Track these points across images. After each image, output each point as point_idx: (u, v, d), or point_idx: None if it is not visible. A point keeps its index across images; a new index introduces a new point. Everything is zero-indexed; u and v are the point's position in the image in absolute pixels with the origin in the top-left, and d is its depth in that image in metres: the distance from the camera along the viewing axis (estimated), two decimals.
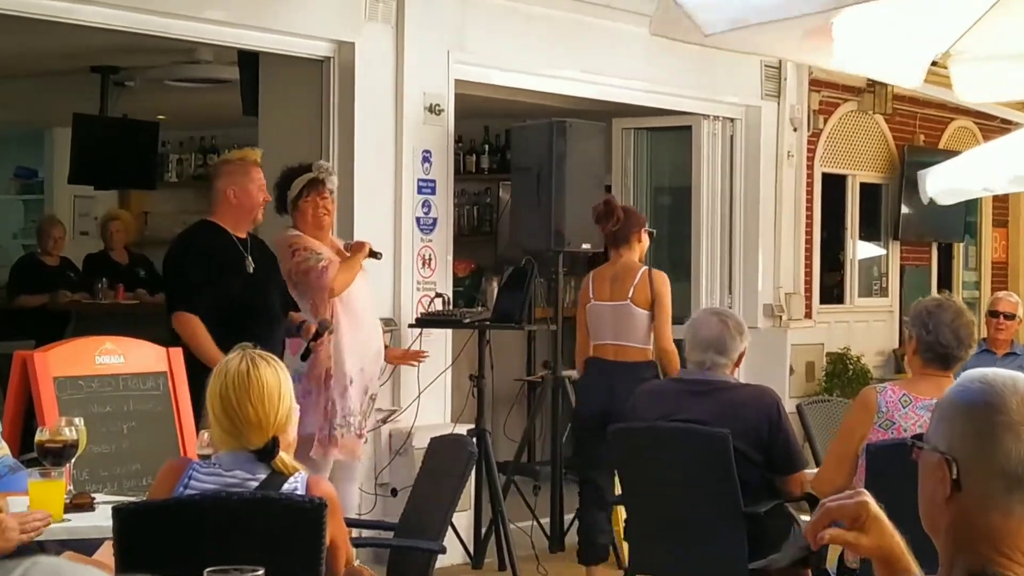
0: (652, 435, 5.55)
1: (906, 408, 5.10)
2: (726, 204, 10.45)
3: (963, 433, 2.23)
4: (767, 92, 10.55)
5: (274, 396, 3.59)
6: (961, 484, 2.22)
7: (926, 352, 5.10)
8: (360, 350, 6.85)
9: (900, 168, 11.95)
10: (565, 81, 9.11)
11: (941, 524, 2.27)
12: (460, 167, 11.41)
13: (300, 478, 3.61)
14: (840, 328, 11.55)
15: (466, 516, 7.68)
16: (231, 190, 6.40)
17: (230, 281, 6.26)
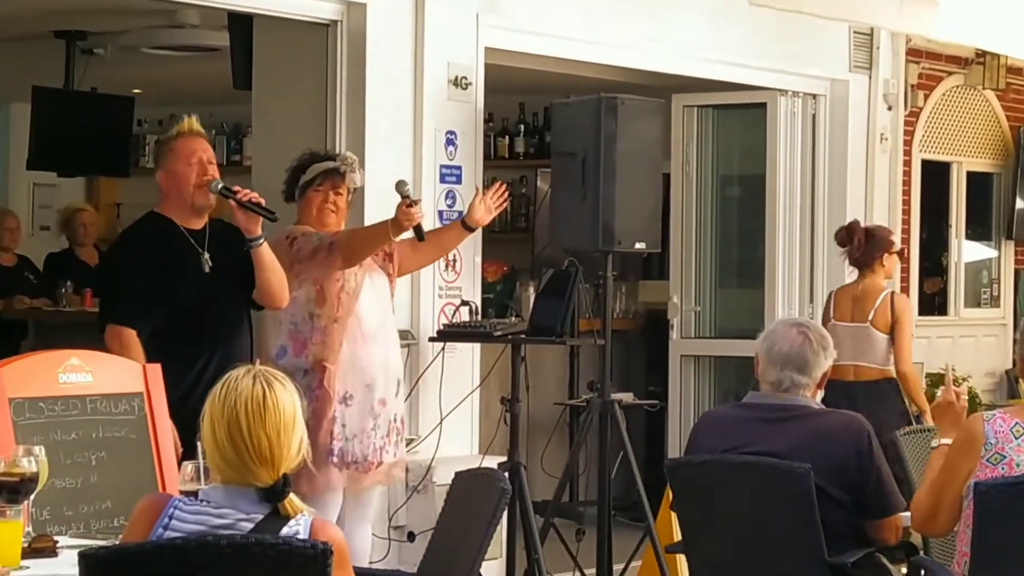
0: (718, 470, 5.53)
1: (1019, 439, 5.10)
2: (807, 196, 10.44)
3: None
4: (856, 63, 10.53)
5: (290, 426, 3.60)
6: None
7: None
8: (364, 364, 6.85)
9: (1015, 154, 11.92)
10: (616, 50, 9.12)
11: None
12: (491, 151, 11.46)
13: (303, 520, 3.61)
14: (943, 344, 11.53)
15: (497, 565, 7.69)
16: (159, 175, 6.35)
17: (178, 284, 6.19)
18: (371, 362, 6.88)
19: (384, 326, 7.03)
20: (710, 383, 10.56)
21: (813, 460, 5.35)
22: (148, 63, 10.57)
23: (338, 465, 6.79)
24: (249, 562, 3.46)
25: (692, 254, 10.52)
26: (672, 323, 10.50)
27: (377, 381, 6.89)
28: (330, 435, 6.77)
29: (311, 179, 6.90)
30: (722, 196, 10.65)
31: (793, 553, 5.44)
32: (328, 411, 6.75)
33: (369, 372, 6.87)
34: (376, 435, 6.88)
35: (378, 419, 6.90)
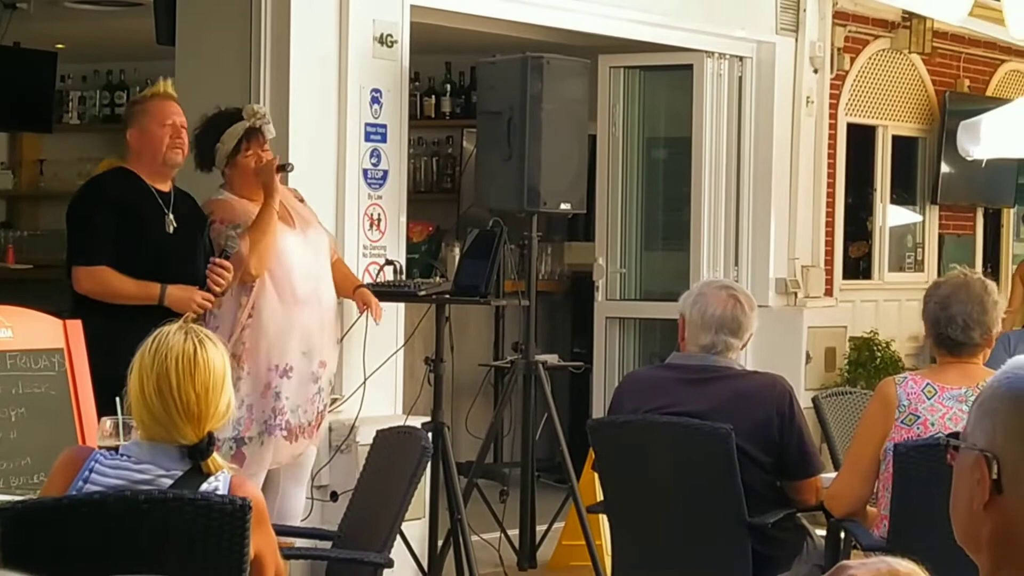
0: (639, 430, 5.57)
1: (931, 399, 5.18)
2: (732, 159, 10.47)
3: (1007, 427, 2.24)
4: (783, 25, 10.56)
5: (219, 385, 3.61)
6: (1003, 486, 2.23)
7: (933, 337, 5.26)
8: (300, 331, 6.83)
9: (940, 119, 11.99)
10: (542, 9, 9.10)
11: (980, 535, 2.28)
12: (417, 111, 11.41)
13: (223, 477, 3.61)
14: (867, 308, 11.61)
15: (420, 525, 7.69)
16: (131, 132, 6.45)
17: (145, 241, 6.27)
18: (307, 328, 6.86)
19: (319, 286, 7.00)
20: (635, 345, 10.60)
21: (735, 421, 5.39)
22: (71, 18, 10.48)
23: (288, 438, 6.81)
24: (167, 517, 3.46)
25: (618, 216, 10.54)
26: (597, 285, 10.52)
27: (314, 346, 6.89)
28: (273, 412, 6.77)
29: (235, 145, 6.87)
30: (648, 158, 10.68)
31: (714, 513, 5.48)
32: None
33: (306, 339, 6.86)
34: (319, 399, 6.90)
35: (320, 382, 6.91)
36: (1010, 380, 2.26)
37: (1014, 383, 2.25)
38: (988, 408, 2.28)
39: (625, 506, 5.75)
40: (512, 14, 9.03)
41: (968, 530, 2.29)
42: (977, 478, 2.26)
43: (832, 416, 6.95)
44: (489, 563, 7.84)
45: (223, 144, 6.86)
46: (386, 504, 4.75)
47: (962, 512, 2.31)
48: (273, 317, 6.79)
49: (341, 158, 8.03)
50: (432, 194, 11.88)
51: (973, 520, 2.27)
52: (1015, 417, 2.23)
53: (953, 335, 5.27)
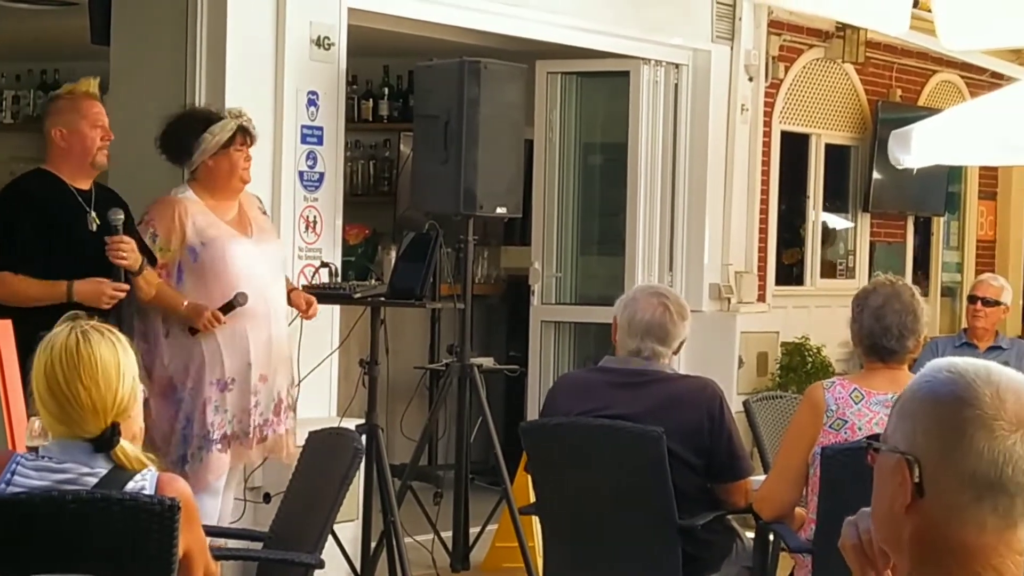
0: (572, 433, 5.57)
1: (859, 404, 5.21)
2: (668, 165, 10.49)
3: (927, 430, 2.25)
4: (719, 34, 10.59)
5: (111, 374, 3.57)
6: (924, 489, 2.24)
7: (860, 342, 5.29)
8: (243, 343, 6.78)
9: (873, 128, 12.05)
10: (480, 14, 9.09)
11: (901, 537, 2.29)
12: (355, 114, 11.38)
13: (149, 475, 3.58)
14: (798, 314, 11.65)
15: (353, 527, 7.67)
16: (57, 131, 6.36)
17: (67, 241, 6.20)
18: (250, 341, 6.80)
19: (268, 297, 6.90)
20: (570, 349, 10.60)
21: (666, 424, 5.40)
22: (5, 16, 10.39)
23: (222, 449, 6.77)
24: (94, 517, 3.43)
25: (554, 220, 10.54)
26: (533, 289, 10.52)
27: (257, 359, 6.83)
28: (213, 426, 6.72)
29: (230, 137, 6.78)
30: (584, 163, 10.68)
31: (645, 515, 5.49)
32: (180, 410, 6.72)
33: (251, 351, 6.80)
34: (256, 412, 6.85)
35: (259, 395, 6.86)
36: (930, 383, 2.27)
37: (934, 386, 2.26)
38: (908, 411, 2.29)
39: (557, 508, 5.75)
40: (450, 18, 9.01)
41: (890, 531, 2.30)
42: (898, 481, 2.26)
43: (762, 420, 6.98)
44: (422, 565, 7.82)
45: (213, 135, 6.73)
46: (318, 505, 4.73)
47: (884, 514, 2.31)
48: (216, 330, 6.72)
49: (277, 160, 7.99)
50: (369, 197, 11.84)
51: (894, 522, 2.28)
52: (935, 420, 2.24)
53: (888, 344, 5.28)
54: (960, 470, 2.21)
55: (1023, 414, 2.21)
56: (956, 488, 2.22)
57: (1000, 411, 2.20)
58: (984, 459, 2.20)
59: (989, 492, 2.20)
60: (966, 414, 2.21)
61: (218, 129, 6.75)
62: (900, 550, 2.28)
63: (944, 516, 2.22)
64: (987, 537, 2.21)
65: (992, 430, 2.20)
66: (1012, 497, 2.21)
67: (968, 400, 2.22)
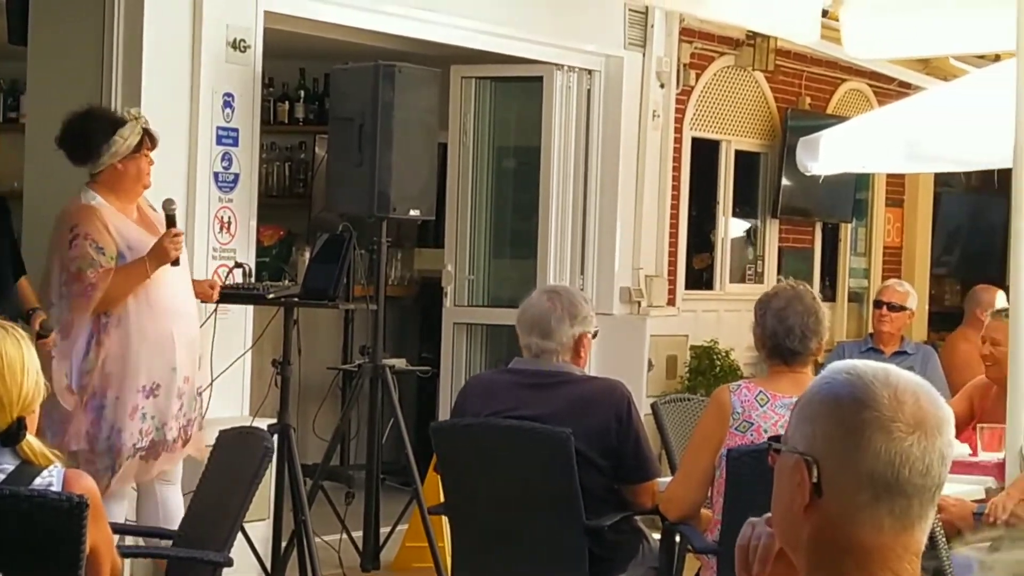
0: (481, 433, 5.58)
1: (764, 407, 5.25)
2: (580, 170, 10.52)
3: (826, 431, 2.27)
4: (631, 41, 10.63)
5: (16, 370, 3.55)
6: (822, 489, 2.26)
7: (764, 345, 5.33)
8: (168, 346, 6.72)
9: (782, 135, 12.12)
10: (395, 18, 9.08)
11: (800, 537, 2.30)
12: (271, 116, 11.34)
13: (56, 472, 3.56)
14: (708, 318, 11.71)
15: (264, 526, 7.63)
16: None
17: None
18: (176, 344, 6.76)
19: (187, 299, 6.91)
20: (482, 350, 10.61)
21: (574, 425, 5.42)
22: None
23: (145, 457, 6.71)
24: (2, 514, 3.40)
25: (467, 223, 10.54)
26: (446, 291, 10.52)
27: (182, 361, 6.78)
28: (140, 433, 6.66)
29: (139, 141, 6.72)
30: (498, 167, 10.69)
31: (552, 516, 5.50)
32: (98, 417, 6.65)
33: (175, 354, 6.75)
34: (180, 414, 6.80)
35: (183, 398, 6.82)
36: (829, 385, 2.29)
37: (833, 387, 2.28)
38: (808, 413, 2.30)
39: (466, 508, 5.75)
40: (366, 23, 9.00)
41: (788, 531, 2.31)
42: (797, 481, 2.28)
43: (670, 422, 7.01)
44: (332, 564, 7.79)
45: (124, 139, 6.66)
46: (227, 504, 4.71)
47: (783, 514, 2.33)
48: (142, 335, 6.66)
49: (192, 161, 7.95)
50: (284, 198, 11.80)
51: (793, 522, 2.29)
52: (834, 421, 2.26)
53: (791, 346, 5.33)
54: (858, 471, 2.23)
55: (921, 416, 2.24)
56: (854, 489, 2.23)
57: (898, 413, 2.22)
58: (881, 460, 2.22)
59: (886, 493, 2.22)
60: (864, 416, 2.23)
61: (128, 132, 6.69)
62: (799, 550, 2.30)
63: (842, 517, 2.24)
64: (884, 538, 2.23)
65: (890, 432, 2.22)
66: (909, 498, 2.23)
67: (866, 402, 2.24)
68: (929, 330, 13.54)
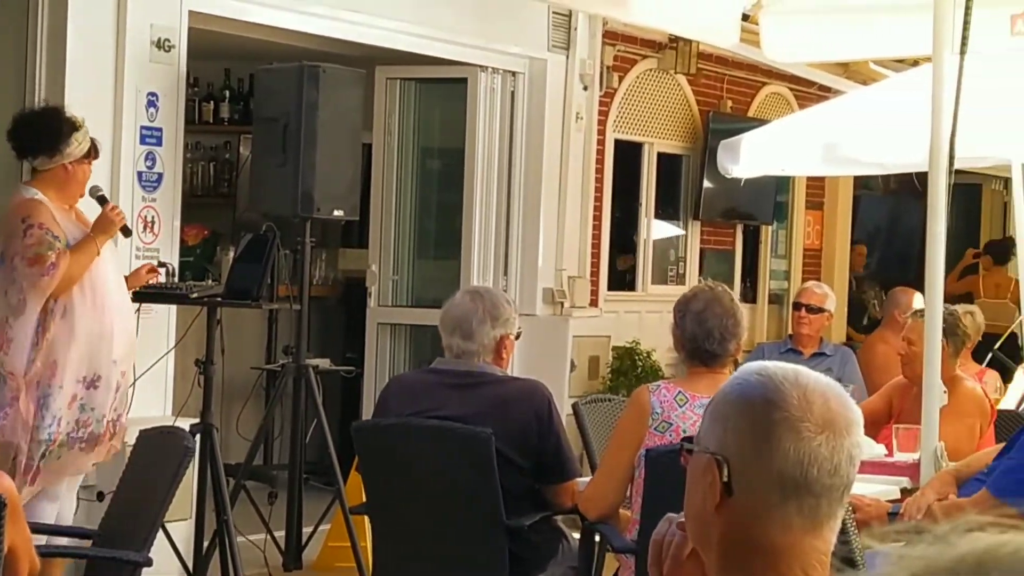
0: (402, 433, 5.57)
1: (683, 407, 5.27)
2: (504, 171, 10.53)
3: (737, 431, 2.28)
4: (555, 43, 10.65)
5: None
6: (733, 488, 2.27)
7: (683, 347, 5.35)
8: (110, 338, 6.70)
9: (704, 138, 12.17)
10: (321, 19, 9.06)
11: (711, 535, 2.31)
12: (196, 116, 11.28)
13: None
14: (630, 319, 11.74)
15: (186, 526, 7.59)
16: None
17: None
18: (115, 337, 6.74)
19: (125, 294, 6.91)
20: (406, 350, 10.60)
21: (495, 425, 5.42)
22: None
23: (86, 449, 6.68)
24: None
25: (391, 224, 10.54)
26: (370, 291, 10.50)
27: (119, 355, 6.77)
28: (77, 424, 6.62)
29: (89, 149, 6.74)
30: (422, 168, 10.69)
31: (473, 515, 5.50)
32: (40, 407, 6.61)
33: (116, 347, 6.74)
34: (112, 409, 6.79)
35: (118, 391, 6.80)
36: (740, 385, 2.31)
37: (744, 388, 2.29)
38: (719, 413, 2.32)
39: (387, 507, 5.75)
40: (291, 23, 8.98)
41: (700, 531, 2.33)
42: (709, 480, 2.29)
43: (591, 422, 7.02)
44: (255, 564, 7.76)
45: (79, 143, 6.68)
46: (147, 504, 4.69)
47: (695, 513, 2.34)
48: (86, 326, 6.64)
49: (116, 160, 7.91)
50: (209, 198, 11.75)
51: (705, 521, 2.31)
52: (744, 421, 2.27)
53: (710, 348, 5.35)
54: (767, 470, 2.25)
55: (829, 416, 2.26)
56: (763, 488, 2.25)
57: (807, 413, 2.24)
58: (790, 460, 2.24)
59: (795, 492, 2.24)
60: (774, 416, 2.25)
61: (82, 137, 6.76)
62: (710, 549, 2.31)
63: (752, 516, 2.26)
64: (793, 537, 2.25)
65: (799, 432, 2.24)
66: (817, 498, 2.25)
67: (776, 402, 2.25)
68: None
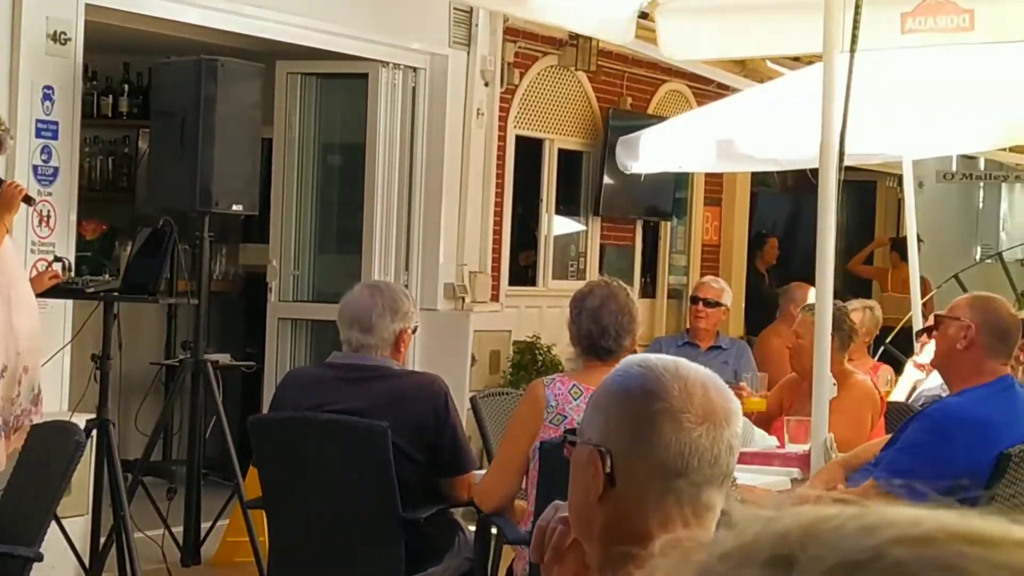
0: (297, 427, 5.55)
1: (577, 400, 5.28)
2: (405, 166, 10.51)
3: (619, 422, 2.29)
4: (456, 39, 10.64)
5: None
6: (615, 479, 2.27)
7: (579, 343, 5.37)
8: (16, 331, 6.62)
9: (604, 134, 12.20)
10: (221, 13, 9.00)
11: (594, 526, 2.32)
12: (94, 110, 11.17)
13: None
14: (530, 314, 11.75)
15: (82, 522, 7.53)
16: None
17: None
18: (21, 331, 6.67)
19: (28, 292, 6.84)
20: (307, 346, 10.55)
21: (392, 419, 5.41)
22: None
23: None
24: None
25: (292, 219, 10.48)
26: (271, 286, 10.45)
27: (24, 349, 6.69)
28: None
29: None
30: (324, 163, 10.64)
31: (369, 508, 5.49)
32: None
33: (19, 340, 6.67)
34: (18, 402, 6.70)
35: (22, 385, 6.72)
36: (621, 378, 2.31)
37: (625, 380, 2.30)
38: (601, 405, 2.33)
39: (283, 501, 5.72)
40: (191, 17, 8.91)
41: (583, 522, 2.33)
42: (591, 472, 2.30)
43: (489, 416, 7.03)
44: (153, 559, 7.70)
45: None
46: (39, 499, 4.63)
47: (579, 504, 2.35)
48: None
49: (11, 154, 7.80)
50: (108, 193, 11.63)
51: (588, 512, 2.31)
52: (625, 412, 2.28)
53: (606, 345, 5.37)
54: (648, 461, 2.25)
55: (709, 408, 2.26)
56: (645, 478, 2.26)
57: (687, 404, 2.25)
58: (671, 450, 2.25)
59: (676, 482, 2.24)
60: (655, 407, 2.25)
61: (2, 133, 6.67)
62: (592, 540, 2.31)
63: (633, 506, 2.26)
64: (674, 527, 2.25)
65: (679, 422, 2.25)
66: (698, 487, 2.25)
67: (657, 393, 2.26)
68: None
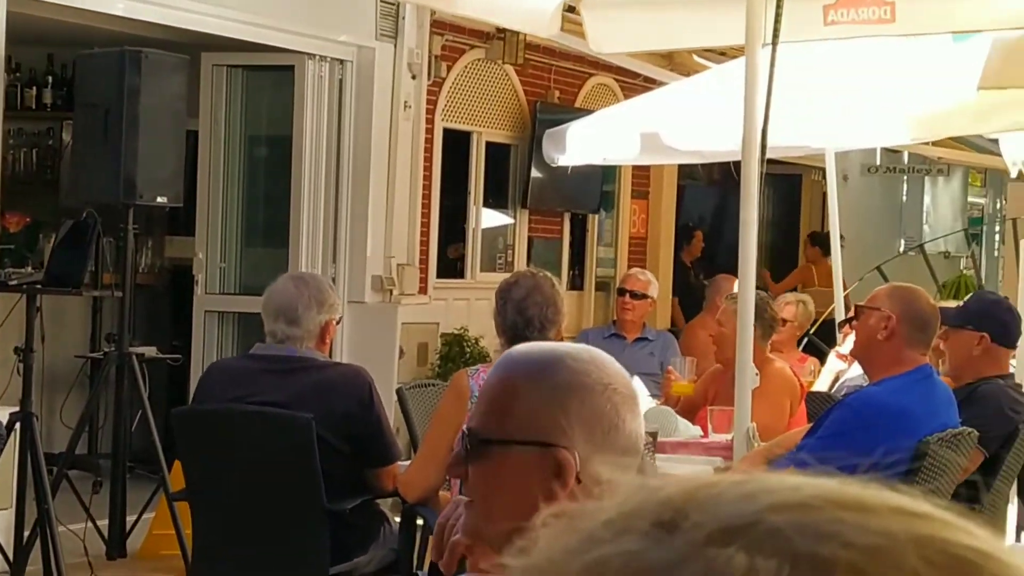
0: (220, 419, 5.52)
1: None
2: (332, 159, 10.46)
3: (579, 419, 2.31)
4: (383, 32, 10.61)
5: None
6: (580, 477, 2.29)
7: (504, 333, 5.37)
8: None
9: (531, 127, 12.19)
10: (145, 4, 8.93)
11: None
12: (18, 101, 11.07)
13: None
14: (458, 306, 11.75)
15: (6, 516, 7.48)
16: None
17: None
18: None
19: None
20: (234, 338, 10.49)
21: (316, 410, 5.39)
22: None
23: None
24: None
25: (219, 211, 10.42)
26: (197, 278, 10.38)
27: None
28: None
29: None
30: (250, 155, 10.58)
31: (293, 500, 5.47)
32: None
33: None
34: None
35: None
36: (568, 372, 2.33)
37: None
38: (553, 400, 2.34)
39: (207, 494, 5.69)
40: (115, 8, 8.85)
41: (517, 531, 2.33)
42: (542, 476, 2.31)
43: (415, 408, 7.00)
44: (77, 553, 7.63)
45: None
46: None
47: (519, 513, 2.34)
48: None
49: None
50: (32, 185, 11.52)
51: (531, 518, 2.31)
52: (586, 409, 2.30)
53: (531, 336, 5.35)
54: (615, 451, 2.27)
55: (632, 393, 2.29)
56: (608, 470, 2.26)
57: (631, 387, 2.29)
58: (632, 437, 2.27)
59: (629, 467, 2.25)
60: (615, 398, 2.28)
61: None
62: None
63: None
64: None
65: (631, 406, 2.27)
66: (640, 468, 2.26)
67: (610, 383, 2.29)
68: None
